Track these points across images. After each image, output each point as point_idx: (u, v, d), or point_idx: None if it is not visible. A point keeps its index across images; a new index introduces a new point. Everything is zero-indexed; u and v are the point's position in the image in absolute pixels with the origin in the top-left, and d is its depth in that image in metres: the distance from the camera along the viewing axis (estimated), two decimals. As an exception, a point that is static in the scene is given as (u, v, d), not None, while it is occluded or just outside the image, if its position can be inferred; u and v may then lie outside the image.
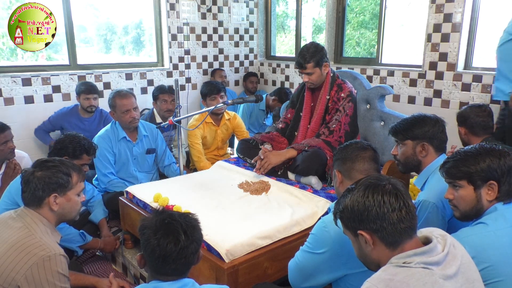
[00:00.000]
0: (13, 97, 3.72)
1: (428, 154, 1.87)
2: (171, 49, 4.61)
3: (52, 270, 1.45)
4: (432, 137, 1.86)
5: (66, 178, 1.65)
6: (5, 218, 1.61)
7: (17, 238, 1.50)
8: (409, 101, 3.86)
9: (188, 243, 1.26)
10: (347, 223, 1.21)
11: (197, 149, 3.35)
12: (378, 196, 1.14)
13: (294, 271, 1.58)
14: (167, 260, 1.25)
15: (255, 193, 2.36)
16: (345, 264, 1.43)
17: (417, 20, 4.18)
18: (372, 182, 1.19)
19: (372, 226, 1.14)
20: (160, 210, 1.34)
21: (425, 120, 1.89)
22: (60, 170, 1.64)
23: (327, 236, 1.44)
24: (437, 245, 1.13)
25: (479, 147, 1.50)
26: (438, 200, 1.70)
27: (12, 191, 2.24)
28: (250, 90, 5.08)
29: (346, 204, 1.19)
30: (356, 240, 1.21)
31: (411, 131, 1.88)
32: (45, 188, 1.60)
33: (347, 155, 1.66)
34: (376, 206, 1.13)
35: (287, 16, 6.67)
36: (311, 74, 2.57)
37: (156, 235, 1.25)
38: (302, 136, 2.69)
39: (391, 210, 1.12)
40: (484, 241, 1.37)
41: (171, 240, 1.24)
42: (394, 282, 1.05)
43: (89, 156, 2.40)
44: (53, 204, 1.61)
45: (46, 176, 1.61)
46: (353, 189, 1.20)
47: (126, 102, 2.83)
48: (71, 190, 1.66)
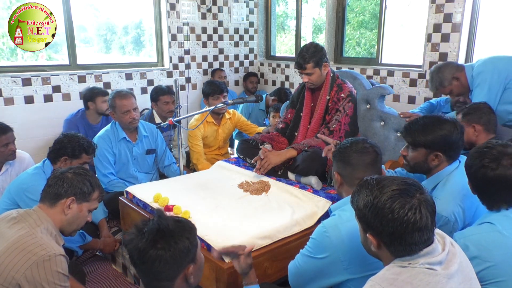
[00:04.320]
0: (13, 97, 3.72)
1: (440, 163, 1.79)
2: (171, 49, 4.61)
3: (52, 269, 1.45)
4: (448, 148, 1.76)
5: (90, 188, 1.68)
6: (7, 218, 1.61)
7: (17, 237, 1.49)
8: (409, 101, 3.86)
9: (148, 246, 1.17)
10: (359, 218, 1.19)
11: (197, 150, 3.35)
12: (403, 211, 1.06)
13: (295, 275, 1.57)
14: (133, 262, 1.22)
15: (255, 193, 2.36)
16: (346, 269, 1.42)
17: (417, 20, 4.18)
18: (401, 190, 1.10)
19: (386, 240, 1.11)
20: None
21: (442, 127, 1.75)
22: (89, 180, 1.69)
23: (328, 241, 1.43)
24: (438, 245, 1.13)
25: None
26: (451, 214, 1.66)
27: (12, 191, 2.24)
28: (250, 90, 5.08)
29: (363, 203, 1.14)
30: (362, 232, 1.21)
31: (425, 139, 1.76)
32: (68, 189, 1.63)
33: (348, 160, 1.59)
34: (397, 224, 1.07)
35: (287, 16, 6.67)
36: (310, 75, 2.57)
37: (131, 232, 1.23)
38: (302, 136, 2.69)
39: (410, 229, 1.06)
40: (489, 240, 1.36)
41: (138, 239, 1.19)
42: (398, 282, 1.06)
43: (89, 155, 2.39)
44: (67, 208, 1.63)
45: (75, 179, 1.65)
46: (375, 188, 1.13)
47: (126, 103, 2.83)
48: (87, 203, 1.68)
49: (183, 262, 1.20)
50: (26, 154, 2.91)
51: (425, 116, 1.87)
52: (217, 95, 3.35)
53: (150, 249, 1.16)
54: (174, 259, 1.17)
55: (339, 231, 1.42)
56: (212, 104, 3.31)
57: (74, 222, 1.68)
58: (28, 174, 2.32)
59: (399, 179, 1.16)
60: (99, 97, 3.54)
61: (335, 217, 1.50)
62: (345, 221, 1.43)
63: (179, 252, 1.17)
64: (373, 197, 1.12)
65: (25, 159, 2.86)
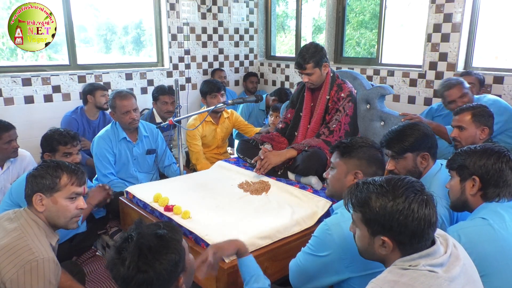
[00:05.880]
0: (13, 97, 3.72)
1: (428, 164, 1.84)
2: (171, 49, 4.61)
3: (38, 275, 1.43)
4: (431, 145, 1.83)
5: (52, 179, 1.59)
6: (3, 219, 1.60)
7: (8, 240, 1.48)
8: (409, 101, 3.86)
9: (132, 273, 1.07)
10: (368, 222, 1.15)
11: (196, 150, 3.35)
12: (421, 209, 1.10)
13: (296, 272, 1.57)
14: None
15: (255, 193, 2.36)
16: (347, 268, 1.43)
17: (417, 20, 4.18)
18: (411, 188, 1.13)
19: (405, 240, 1.11)
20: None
21: (417, 129, 1.84)
22: (48, 171, 1.60)
23: (330, 239, 1.44)
24: (440, 247, 1.13)
25: (482, 145, 1.57)
26: (438, 216, 1.68)
27: (13, 192, 2.25)
28: (250, 90, 5.08)
29: (377, 206, 1.12)
30: (368, 237, 1.17)
31: (410, 142, 1.81)
32: (32, 187, 1.60)
33: (373, 162, 1.64)
34: (416, 222, 1.09)
35: (287, 16, 6.67)
36: (310, 75, 2.57)
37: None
38: (302, 136, 2.69)
39: (427, 226, 1.10)
40: (481, 233, 1.39)
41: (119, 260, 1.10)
42: (399, 284, 1.05)
43: (66, 146, 2.34)
44: (38, 204, 1.59)
45: (34, 175, 1.61)
46: (389, 191, 1.13)
47: (126, 103, 2.83)
48: (57, 193, 1.60)
49: (172, 277, 1.12)
50: (27, 153, 2.91)
51: (393, 129, 1.91)
52: (214, 93, 3.35)
53: (134, 276, 1.07)
54: (162, 278, 1.09)
55: (341, 229, 1.43)
56: (210, 102, 3.32)
57: (56, 216, 1.61)
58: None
59: (402, 178, 1.17)
60: (98, 90, 3.58)
61: (337, 216, 1.51)
62: (347, 220, 1.42)
63: (165, 270, 1.09)
64: (389, 199, 1.12)
65: (26, 157, 2.86)
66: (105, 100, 3.58)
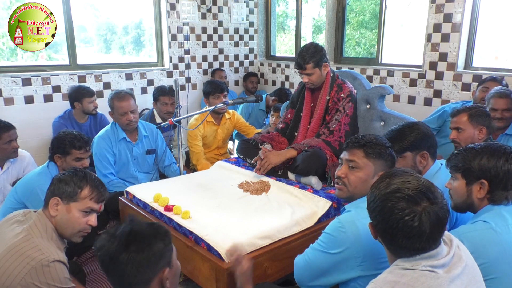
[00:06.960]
0: (13, 97, 3.72)
1: (427, 163, 1.84)
2: (171, 49, 4.61)
3: (51, 273, 1.43)
4: (431, 144, 1.83)
5: (74, 188, 1.61)
6: (12, 220, 1.61)
7: (15, 241, 1.48)
8: (409, 101, 3.86)
9: (120, 249, 1.12)
10: (370, 214, 1.19)
11: (196, 151, 3.35)
12: (401, 214, 1.09)
13: (303, 268, 1.55)
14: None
15: (255, 193, 2.36)
16: (359, 266, 1.41)
17: (417, 20, 4.18)
18: (412, 194, 1.12)
19: (380, 234, 1.16)
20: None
21: (416, 128, 1.84)
22: (73, 179, 1.63)
23: (344, 236, 1.42)
24: (444, 248, 1.12)
25: (486, 145, 1.51)
26: None
27: (18, 191, 2.26)
28: (250, 90, 5.08)
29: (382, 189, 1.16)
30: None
31: (409, 141, 1.81)
32: (54, 189, 1.62)
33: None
34: (390, 224, 1.09)
35: (287, 16, 6.67)
36: (310, 75, 2.57)
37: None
38: (302, 136, 2.69)
39: (401, 234, 1.09)
40: (484, 237, 1.37)
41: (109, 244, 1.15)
42: (400, 285, 1.05)
43: (79, 150, 2.33)
44: (53, 208, 1.60)
45: (60, 178, 1.64)
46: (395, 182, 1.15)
47: (124, 105, 2.82)
48: (74, 203, 1.61)
49: (157, 265, 1.15)
50: (27, 153, 2.92)
51: (393, 128, 1.91)
52: (217, 94, 3.35)
53: (121, 253, 1.11)
54: (147, 262, 1.12)
55: (356, 227, 1.41)
56: (212, 103, 3.31)
57: (66, 225, 1.61)
58: (35, 174, 2.34)
59: (419, 180, 1.16)
60: (85, 98, 3.50)
61: (351, 213, 1.49)
62: (362, 218, 1.42)
63: (152, 255, 1.13)
64: (382, 188, 1.16)
65: (26, 158, 2.86)
66: (93, 107, 3.53)
